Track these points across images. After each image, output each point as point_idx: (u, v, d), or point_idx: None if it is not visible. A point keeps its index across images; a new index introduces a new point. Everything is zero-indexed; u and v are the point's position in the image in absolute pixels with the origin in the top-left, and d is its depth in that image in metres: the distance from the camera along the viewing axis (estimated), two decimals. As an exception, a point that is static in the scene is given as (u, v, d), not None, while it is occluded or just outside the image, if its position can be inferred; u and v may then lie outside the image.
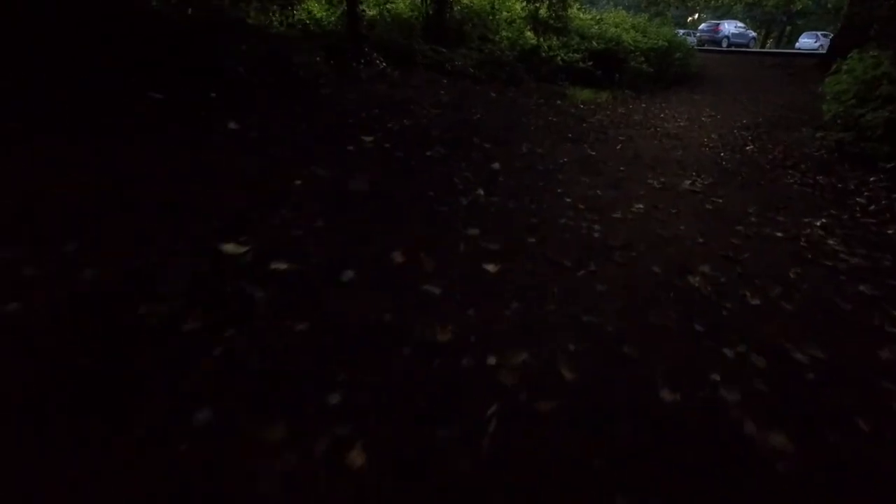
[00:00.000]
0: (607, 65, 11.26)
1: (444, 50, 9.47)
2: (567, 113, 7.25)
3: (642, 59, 11.52)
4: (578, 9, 14.16)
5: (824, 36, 26.93)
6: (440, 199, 3.24)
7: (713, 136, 6.71)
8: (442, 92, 6.61)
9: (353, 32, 7.53)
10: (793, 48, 27.31)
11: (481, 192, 3.51)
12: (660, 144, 5.85)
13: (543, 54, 10.89)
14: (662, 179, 4.37)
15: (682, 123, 7.67)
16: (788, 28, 31.72)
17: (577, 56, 11.05)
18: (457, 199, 3.29)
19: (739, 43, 24.06)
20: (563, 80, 10.49)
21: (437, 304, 2.08)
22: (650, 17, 16.39)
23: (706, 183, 4.39)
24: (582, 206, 3.53)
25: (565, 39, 11.56)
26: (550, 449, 1.44)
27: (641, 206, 3.68)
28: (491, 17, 11.01)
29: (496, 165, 4.11)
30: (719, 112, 8.94)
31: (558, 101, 8.38)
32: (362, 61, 7.19)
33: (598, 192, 3.90)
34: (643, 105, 9.33)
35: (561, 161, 4.59)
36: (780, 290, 2.57)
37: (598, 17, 14.29)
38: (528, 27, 11.50)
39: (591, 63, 11.05)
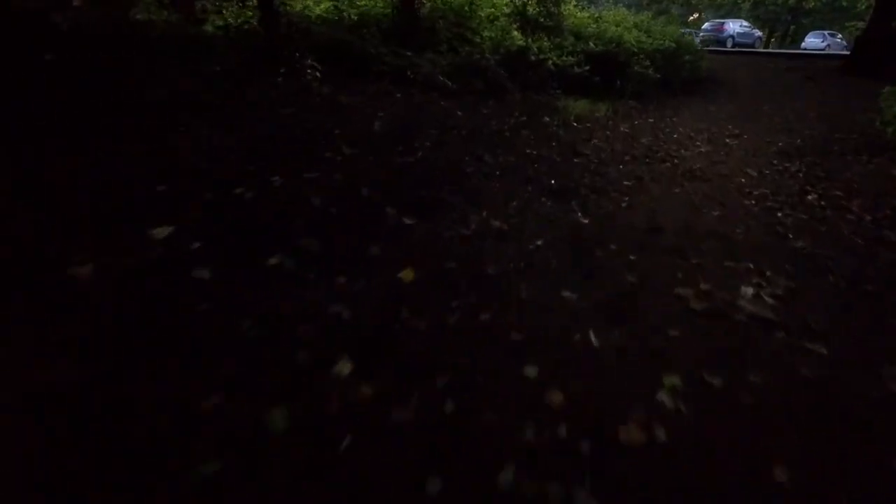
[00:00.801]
0: (607, 70, 9.23)
1: (408, 53, 7.48)
2: (554, 138, 5.26)
3: (647, 62, 9.46)
4: (574, 6, 12.08)
5: (831, 35, 24.74)
6: (234, 412, 1.29)
7: (751, 171, 4.70)
8: (381, 114, 4.62)
9: (271, 35, 5.53)
10: (798, 48, 25.07)
11: (346, 366, 1.57)
12: (684, 194, 3.85)
13: (532, 57, 8.85)
14: (703, 286, 2.39)
15: (703, 149, 5.66)
16: (793, 27, 29.32)
17: (571, 59, 9.03)
18: (267, 414, 1.33)
19: (745, 43, 21.86)
20: (554, 89, 8.49)
21: None
22: (653, 16, 14.25)
23: (779, 292, 2.41)
24: (556, 399, 1.57)
25: (558, 40, 9.51)
26: None
27: (677, 382, 1.71)
28: (470, 14, 8.95)
29: (407, 276, 2.15)
30: (745, 130, 6.91)
31: (545, 118, 6.38)
32: (282, 71, 5.21)
33: (591, 334, 1.93)
34: (651, 120, 7.31)
35: (531, 247, 2.62)
36: None
37: (596, 16, 12.20)
38: (515, 26, 9.44)
39: (587, 68, 9.02)
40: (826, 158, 5.38)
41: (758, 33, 22.82)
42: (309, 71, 5.66)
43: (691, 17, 28.71)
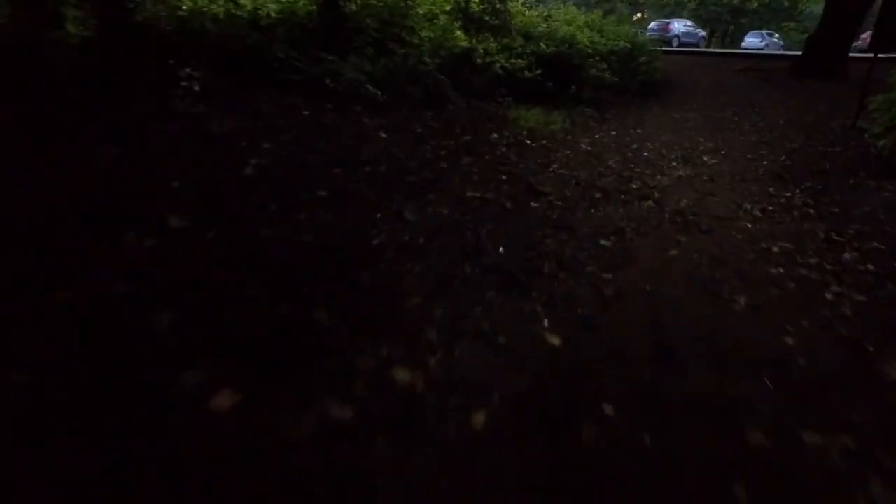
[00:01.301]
0: (560, 73, 8.10)
1: (331, 57, 6.05)
2: (504, 166, 4.02)
3: (604, 65, 8.39)
4: (522, 4, 10.93)
5: (769, 35, 24.85)
6: None
7: (751, 208, 3.61)
8: (267, 146, 3.24)
9: (119, 39, 4.01)
10: (737, 48, 25.05)
11: None
12: (684, 259, 2.68)
13: (478, 60, 7.61)
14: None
15: (682, 172, 4.57)
16: (731, 27, 29.43)
17: (521, 62, 7.84)
18: None
19: (689, 42, 21.50)
20: (503, 96, 7.25)
21: None
22: (603, 15, 13.28)
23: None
24: None
25: (506, 41, 8.30)
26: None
27: None
28: (406, 12, 7.60)
29: None
30: (720, 143, 5.90)
31: (493, 136, 5.14)
32: (135, 88, 3.72)
33: None
34: (613, 132, 6.21)
35: (467, 450, 1.33)
36: None
37: (545, 14, 11.08)
38: (458, 24, 8.16)
39: (539, 71, 7.85)
40: (826, 182, 4.39)
41: (702, 33, 22.53)
42: (184, 83, 4.18)
43: (636, 17, 28.31)
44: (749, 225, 3.27)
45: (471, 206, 3.01)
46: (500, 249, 2.47)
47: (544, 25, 9.38)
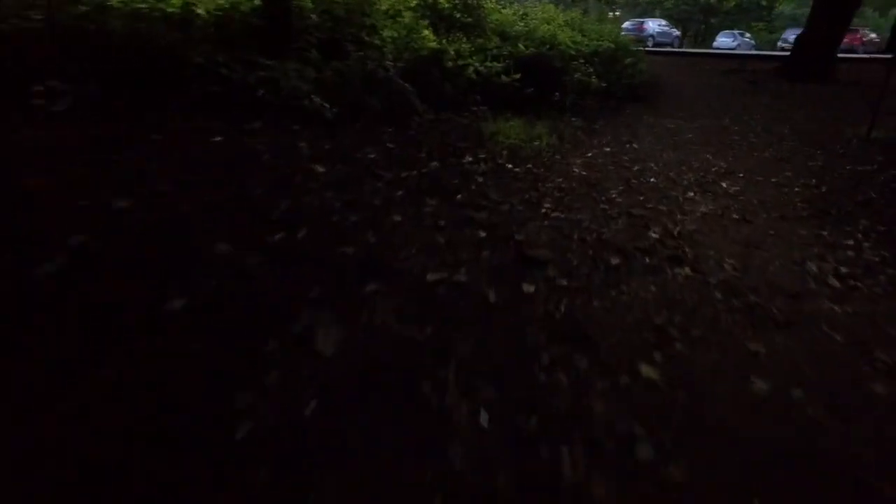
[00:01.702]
0: (541, 77, 6.98)
1: (269, 62, 4.80)
2: (481, 206, 2.89)
3: (589, 68, 7.32)
4: (497, 1, 9.78)
5: (741, 35, 24.38)
6: None
7: (820, 272, 2.57)
8: (121, 204, 2.02)
9: None
10: (708, 47, 24.47)
11: None
12: (776, 397, 1.61)
13: (449, 63, 6.44)
14: None
15: (704, 207, 3.52)
16: (703, 27, 28.86)
17: (497, 66, 6.70)
18: None
19: (664, 42, 20.76)
20: (478, 104, 6.11)
21: None
22: (582, 14, 12.24)
23: None
24: None
25: (480, 41, 7.15)
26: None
27: None
28: (363, 9, 6.37)
29: None
30: (732, 162, 4.89)
31: (467, 159, 4.01)
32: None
33: None
34: (607, 149, 5.14)
35: None
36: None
37: (521, 12, 9.97)
38: (425, 23, 6.96)
39: (517, 76, 6.71)
40: (886, 219, 3.38)
41: (676, 33, 21.80)
42: (37, 101, 2.92)
43: (608, 16, 27.53)
44: (836, 307, 2.21)
45: (433, 304, 1.86)
46: (483, 419, 1.33)
47: (521, 24, 8.26)
